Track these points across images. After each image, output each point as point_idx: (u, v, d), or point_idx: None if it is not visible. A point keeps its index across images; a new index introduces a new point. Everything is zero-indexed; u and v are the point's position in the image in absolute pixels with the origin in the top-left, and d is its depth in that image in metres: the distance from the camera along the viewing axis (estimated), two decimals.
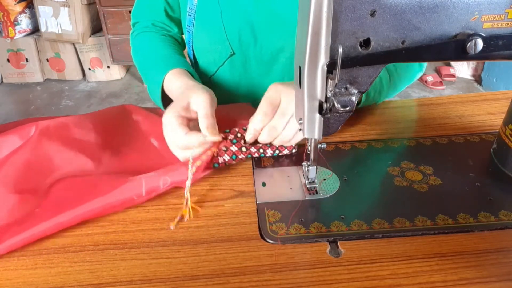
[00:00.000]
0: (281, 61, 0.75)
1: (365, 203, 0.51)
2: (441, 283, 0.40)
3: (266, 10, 0.70)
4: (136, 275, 0.42)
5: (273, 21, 0.71)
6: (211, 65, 0.80)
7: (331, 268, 0.42)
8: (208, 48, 0.77)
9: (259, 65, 0.77)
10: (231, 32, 0.73)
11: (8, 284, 0.42)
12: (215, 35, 0.74)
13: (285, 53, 0.74)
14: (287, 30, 0.71)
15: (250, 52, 0.75)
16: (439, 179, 0.54)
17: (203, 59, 0.81)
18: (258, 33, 0.73)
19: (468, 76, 2.71)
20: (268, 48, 0.74)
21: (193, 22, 0.75)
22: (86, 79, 2.86)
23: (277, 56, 0.75)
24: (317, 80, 0.42)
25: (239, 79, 0.79)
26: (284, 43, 0.73)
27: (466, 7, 0.38)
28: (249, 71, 0.78)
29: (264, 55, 0.75)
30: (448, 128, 0.66)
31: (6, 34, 2.66)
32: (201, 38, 0.77)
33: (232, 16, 0.72)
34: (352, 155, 0.60)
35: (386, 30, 0.39)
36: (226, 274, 0.42)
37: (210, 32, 0.75)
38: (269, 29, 0.72)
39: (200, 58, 0.81)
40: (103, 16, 2.51)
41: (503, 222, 0.47)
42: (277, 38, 0.72)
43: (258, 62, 0.76)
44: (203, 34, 0.76)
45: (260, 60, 0.76)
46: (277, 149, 0.58)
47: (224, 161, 0.56)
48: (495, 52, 0.40)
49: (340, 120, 0.46)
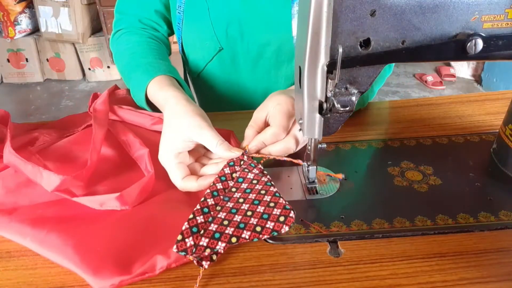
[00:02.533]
0: (267, 56, 0.76)
1: (365, 203, 0.51)
2: (441, 283, 0.40)
3: (251, 5, 0.71)
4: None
5: (259, 16, 0.72)
6: (200, 61, 0.80)
7: (331, 268, 0.42)
8: (197, 45, 0.78)
9: (246, 60, 0.77)
10: (219, 28, 0.74)
11: (8, 284, 0.42)
12: (203, 32, 0.75)
13: (270, 47, 0.75)
14: (272, 24, 0.72)
15: (237, 47, 0.76)
16: (439, 179, 0.54)
17: (192, 56, 0.81)
18: (245, 28, 0.74)
19: (468, 76, 2.71)
20: (255, 43, 0.75)
21: (182, 19, 0.76)
22: (86, 79, 2.86)
23: (263, 50, 0.75)
24: (317, 80, 0.42)
25: (228, 74, 0.80)
26: (269, 37, 0.74)
27: (466, 7, 0.38)
28: (237, 65, 0.79)
29: (251, 50, 0.76)
30: (448, 128, 0.66)
31: (6, 34, 2.66)
32: (190, 35, 0.77)
33: (219, 13, 0.73)
34: (352, 155, 0.60)
35: (386, 30, 0.39)
36: (226, 274, 0.42)
37: (199, 29, 0.75)
38: (255, 24, 0.73)
39: (190, 54, 0.81)
40: (103, 16, 2.51)
41: (503, 222, 0.47)
42: (263, 32, 0.73)
43: (245, 57, 0.77)
44: (192, 31, 0.77)
45: (247, 54, 0.76)
46: (272, 231, 0.44)
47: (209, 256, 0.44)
48: (495, 52, 0.40)
49: (340, 120, 0.46)
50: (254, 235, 0.43)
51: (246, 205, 0.46)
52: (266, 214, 0.45)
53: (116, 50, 0.77)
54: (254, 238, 0.43)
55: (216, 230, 0.43)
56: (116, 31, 0.79)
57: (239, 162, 0.52)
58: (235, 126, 0.61)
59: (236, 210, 0.46)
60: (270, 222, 0.44)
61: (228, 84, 0.82)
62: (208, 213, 0.46)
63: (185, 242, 0.42)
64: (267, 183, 0.49)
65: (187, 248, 0.41)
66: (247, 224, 0.44)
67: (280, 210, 0.45)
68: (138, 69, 0.67)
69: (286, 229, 0.44)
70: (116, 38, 0.78)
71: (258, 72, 0.79)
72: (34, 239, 0.45)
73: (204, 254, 0.42)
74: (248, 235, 0.43)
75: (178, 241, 0.42)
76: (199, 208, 0.46)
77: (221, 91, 0.83)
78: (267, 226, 0.44)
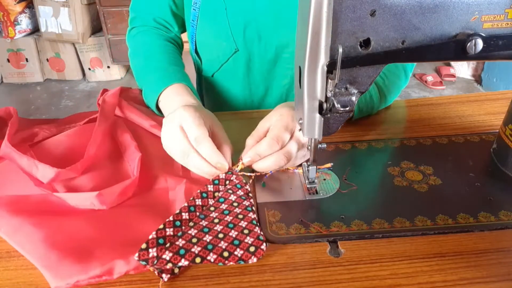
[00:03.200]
0: (284, 58, 0.75)
1: (365, 203, 0.51)
2: (441, 283, 0.40)
3: (270, 6, 0.70)
4: (136, 275, 0.42)
5: (278, 17, 0.71)
6: (214, 61, 0.79)
7: (331, 268, 0.42)
8: (213, 44, 0.76)
9: (262, 63, 0.76)
10: (236, 28, 0.72)
11: (8, 284, 0.42)
12: (219, 31, 0.73)
13: (288, 48, 0.74)
14: (291, 26, 0.71)
15: (254, 49, 0.75)
16: (439, 179, 0.54)
17: (206, 56, 0.79)
18: (262, 30, 0.72)
19: (468, 76, 2.71)
20: (272, 45, 0.74)
21: (197, 17, 0.74)
22: (86, 79, 2.86)
23: (281, 52, 0.74)
24: (317, 80, 0.42)
25: (242, 77, 0.79)
26: (288, 39, 0.72)
27: (466, 7, 0.38)
28: (252, 69, 0.77)
29: (268, 52, 0.74)
30: (448, 128, 0.66)
31: (6, 34, 2.66)
32: (205, 33, 0.76)
33: (237, 12, 0.71)
34: (352, 155, 0.60)
35: (386, 30, 0.39)
36: (226, 274, 0.42)
37: (215, 28, 0.74)
38: (273, 25, 0.72)
39: (204, 54, 0.80)
40: (103, 16, 2.51)
41: (503, 222, 0.47)
42: (281, 34, 0.72)
43: (261, 59, 0.76)
44: (208, 29, 0.75)
45: (263, 57, 0.75)
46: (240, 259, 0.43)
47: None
48: (495, 52, 0.40)
49: (340, 120, 0.46)
50: (220, 259, 0.41)
51: (220, 227, 0.45)
52: (237, 241, 0.43)
53: (132, 49, 0.78)
54: (219, 262, 0.41)
55: (183, 246, 0.42)
56: (131, 28, 0.80)
57: (224, 182, 0.51)
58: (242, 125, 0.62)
59: (208, 229, 0.45)
60: (240, 250, 0.43)
61: (242, 86, 0.80)
62: (179, 226, 0.45)
63: (148, 252, 0.41)
64: (248, 208, 0.48)
65: (149, 259, 0.40)
66: (215, 247, 0.42)
67: (253, 239, 0.44)
68: (153, 74, 0.69)
69: (254, 260, 0.42)
70: (132, 36, 0.79)
71: (274, 74, 0.78)
72: (7, 229, 0.46)
73: (165, 267, 0.41)
74: (214, 258, 0.41)
75: (141, 249, 0.41)
76: (172, 220, 0.45)
77: (234, 93, 0.81)
78: (235, 253, 0.42)
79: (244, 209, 0.48)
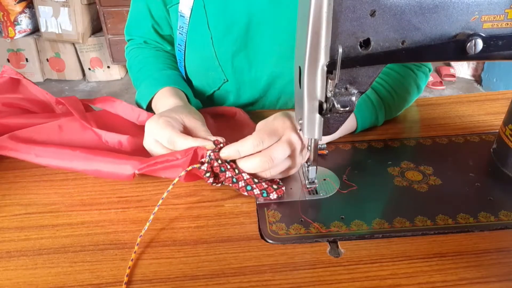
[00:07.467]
0: (277, 86, 0.73)
1: (365, 203, 0.51)
2: (441, 283, 0.40)
3: (260, 34, 0.68)
4: (136, 275, 0.42)
5: (269, 45, 0.69)
6: (205, 87, 0.77)
7: (331, 268, 0.42)
8: (202, 73, 0.75)
9: (253, 91, 0.75)
10: (224, 59, 0.70)
11: (8, 284, 0.42)
12: (207, 62, 0.72)
13: (282, 79, 0.72)
14: (284, 54, 0.69)
15: (244, 77, 0.73)
16: (439, 179, 0.54)
17: (196, 81, 0.77)
18: (253, 58, 0.70)
19: (468, 76, 2.71)
20: (264, 73, 0.72)
21: (184, 42, 0.72)
22: (86, 79, 2.86)
23: (273, 82, 0.73)
24: (317, 80, 0.42)
25: (233, 103, 0.78)
26: (281, 68, 0.70)
27: (466, 7, 0.38)
28: (243, 96, 0.76)
29: (260, 80, 0.73)
30: (448, 128, 0.66)
31: (6, 34, 2.66)
32: (193, 62, 0.74)
33: (223, 42, 0.69)
34: (352, 155, 0.60)
35: (386, 30, 0.39)
36: (226, 274, 0.42)
37: (202, 58, 0.72)
38: (264, 53, 0.70)
39: (194, 79, 0.78)
40: (103, 16, 2.51)
41: (503, 222, 0.47)
42: (273, 63, 0.70)
43: (252, 87, 0.74)
44: (195, 58, 0.73)
45: (254, 85, 0.74)
46: (265, 190, 0.50)
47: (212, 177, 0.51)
48: (495, 52, 0.40)
49: (340, 120, 0.46)
50: (249, 182, 0.50)
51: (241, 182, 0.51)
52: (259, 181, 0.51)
53: (128, 64, 0.81)
54: (248, 186, 0.50)
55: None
56: (127, 46, 0.83)
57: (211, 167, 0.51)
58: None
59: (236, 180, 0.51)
60: (264, 184, 0.50)
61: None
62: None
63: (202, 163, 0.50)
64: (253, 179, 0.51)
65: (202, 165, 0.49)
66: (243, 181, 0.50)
67: (274, 183, 0.51)
68: (143, 83, 0.70)
69: (274, 196, 0.50)
70: (128, 52, 0.82)
71: (266, 102, 0.77)
72: (62, 162, 0.54)
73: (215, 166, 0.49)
74: (243, 185, 0.50)
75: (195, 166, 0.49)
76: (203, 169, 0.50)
77: None
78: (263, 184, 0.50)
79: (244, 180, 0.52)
